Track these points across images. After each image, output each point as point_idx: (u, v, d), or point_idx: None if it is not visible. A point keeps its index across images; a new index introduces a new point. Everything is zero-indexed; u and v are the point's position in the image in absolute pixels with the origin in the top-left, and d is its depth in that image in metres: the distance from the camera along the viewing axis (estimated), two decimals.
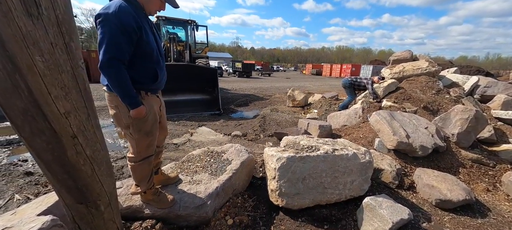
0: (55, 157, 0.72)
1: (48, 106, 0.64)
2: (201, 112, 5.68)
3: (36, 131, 0.66)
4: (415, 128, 2.98)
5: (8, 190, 2.34)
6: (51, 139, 0.69)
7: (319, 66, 40.56)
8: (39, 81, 0.61)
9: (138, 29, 1.23)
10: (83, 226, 0.88)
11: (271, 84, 15.68)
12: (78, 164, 0.76)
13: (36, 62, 0.59)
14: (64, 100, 0.68)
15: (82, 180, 0.79)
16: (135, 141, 1.40)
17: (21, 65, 0.57)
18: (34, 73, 0.59)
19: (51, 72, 0.63)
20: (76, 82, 0.71)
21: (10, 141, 3.59)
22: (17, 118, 0.64)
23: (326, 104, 6.15)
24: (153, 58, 1.37)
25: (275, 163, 1.90)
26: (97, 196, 0.86)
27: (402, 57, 5.31)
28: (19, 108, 0.62)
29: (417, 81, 4.42)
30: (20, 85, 0.59)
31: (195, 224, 1.68)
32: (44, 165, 0.73)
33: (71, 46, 0.67)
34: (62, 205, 0.84)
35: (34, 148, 0.70)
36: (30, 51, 0.59)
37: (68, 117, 0.70)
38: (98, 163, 0.83)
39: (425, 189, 2.36)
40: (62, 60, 0.66)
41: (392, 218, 1.72)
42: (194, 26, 8.49)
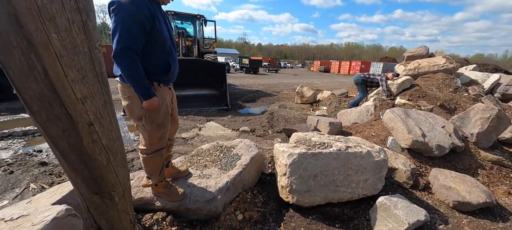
0: (71, 145, 0.70)
1: (64, 90, 0.62)
2: (209, 108, 5.68)
3: (52, 117, 0.64)
4: (431, 126, 2.85)
5: (23, 179, 2.40)
6: (67, 126, 0.67)
7: (327, 63, 39.88)
8: (56, 62, 0.58)
9: (152, 17, 1.20)
10: (97, 217, 0.88)
11: (279, 80, 15.54)
12: (94, 153, 0.75)
13: (52, 40, 0.57)
14: (81, 84, 0.65)
15: (97, 170, 0.77)
16: (147, 133, 1.39)
17: (37, 43, 0.55)
18: (50, 53, 0.57)
19: (67, 53, 0.60)
20: (93, 65, 0.68)
21: (26, 131, 3.70)
22: (33, 103, 0.63)
23: (336, 101, 6.03)
24: (166, 48, 1.34)
25: (286, 159, 1.86)
26: (112, 187, 0.85)
27: (417, 53, 5.11)
28: (35, 93, 0.60)
29: (433, 78, 4.24)
30: (36, 66, 0.57)
31: (205, 218, 1.67)
32: (60, 154, 0.72)
33: (88, 25, 0.65)
34: (77, 195, 0.84)
35: (50, 136, 0.68)
36: (46, 28, 0.56)
37: (85, 102, 0.68)
38: (114, 153, 0.81)
39: (442, 190, 2.26)
40: (79, 40, 0.63)
41: (408, 219, 1.65)
42: (202, 21, 8.47)
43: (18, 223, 1.04)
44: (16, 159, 2.78)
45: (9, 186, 2.27)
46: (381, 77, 4.57)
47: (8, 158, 2.80)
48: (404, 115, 2.96)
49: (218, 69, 5.99)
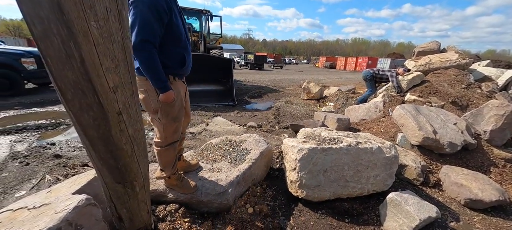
0: (100, 134, 0.72)
1: (98, 79, 0.64)
2: (216, 103, 5.71)
3: (84, 105, 0.66)
4: (443, 123, 2.80)
5: (39, 170, 2.48)
6: (98, 115, 0.69)
7: (333, 59, 39.34)
8: (93, 50, 0.60)
9: (169, 10, 1.21)
10: (119, 206, 0.91)
11: (284, 76, 15.44)
12: (121, 143, 0.77)
13: (91, 28, 0.58)
14: (114, 74, 0.67)
15: (122, 159, 0.80)
16: (162, 126, 1.41)
17: (77, 31, 0.56)
18: (88, 41, 0.58)
19: (104, 41, 0.62)
20: (125, 55, 0.70)
21: (38, 125, 3.80)
22: (67, 91, 0.64)
23: (343, 97, 5.96)
24: (182, 42, 1.35)
25: (296, 153, 1.87)
26: (134, 177, 0.87)
27: (428, 48, 4.98)
28: (70, 81, 0.62)
29: (445, 74, 4.14)
30: (73, 54, 0.58)
31: (216, 210, 1.70)
32: (89, 142, 0.74)
33: (123, 15, 0.66)
34: (101, 184, 0.87)
35: (81, 124, 0.70)
36: (86, 15, 0.57)
37: (116, 91, 0.69)
38: (138, 143, 0.84)
39: (453, 187, 2.23)
40: (115, 29, 0.64)
41: (420, 215, 1.64)
42: (208, 16, 8.44)
43: (41, 211, 1.08)
44: (31, 151, 2.87)
45: (26, 177, 2.34)
46: (391, 73, 4.48)
47: (23, 150, 2.89)
48: (414, 111, 2.91)
49: (224, 65, 5.98)
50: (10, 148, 2.92)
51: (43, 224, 0.94)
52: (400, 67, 4.67)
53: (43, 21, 0.55)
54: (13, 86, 5.38)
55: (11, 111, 4.46)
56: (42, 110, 4.70)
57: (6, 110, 4.49)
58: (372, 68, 5.30)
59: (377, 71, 4.91)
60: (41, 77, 5.84)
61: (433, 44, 4.97)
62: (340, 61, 35.22)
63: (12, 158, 2.66)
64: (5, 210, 1.18)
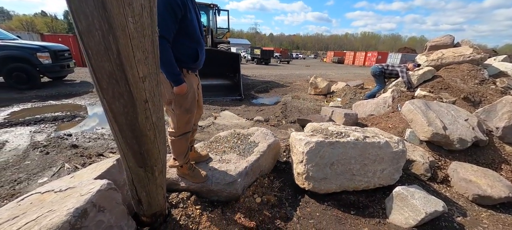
0: (128, 121, 0.79)
1: (131, 69, 0.70)
2: (223, 97, 5.78)
3: (117, 94, 0.73)
4: (453, 119, 2.76)
5: (58, 159, 2.63)
6: (128, 103, 0.75)
7: (341, 53, 38.57)
8: (128, 43, 0.66)
9: (183, 6, 1.25)
10: (140, 189, 0.98)
11: (291, 71, 15.34)
12: (145, 129, 0.84)
13: (128, 23, 0.64)
14: (143, 65, 0.73)
15: (145, 145, 0.87)
16: (176, 117, 1.48)
17: (117, 26, 0.62)
18: (125, 35, 0.65)
19: (138, 35, 0.68)
20: (153, 48, 0.76)
21: (55, 117, 3.98)
22: (103, 81, 0.71)
23: (351, 93, 5.91)
24: (195, 37, 1.40)
25: (303, 146, 1.90)
26: (155, 162, 0.94)
27: (441, 43, 4.84)
28: (106, 71, 0.69)
29: (458, 69, 4.03)
30: (111, 47, 0.65)
31: (225, 199, 1.77)
32: (118, 128, 0.81)
33: (153, 11, 0.72)
34: (124, 168, 0.94)
35: (112, 111, 0.77)
36: (125, 12, 0.63)
37: (144, 81, 0.76)
38: (160, 130, 0.90)
39: (461, 183, 2.22)
40: (147, 24, 0.70)
41: (426, 209, 1.66)
42: (216, 11, 8.45)
43: (67, 194, 1.18)
44: (50, 141, 3.03)
45: (47, 165, 2.49)
46: (402, 69, 4.39)
47: (43, 140, 3.05)
48: (424, 106, 2.88)
49: (232, 59, 6.02)
50: (31, 138, 3.09)
51: (71, 205, 1.03)
52: (410, 62, 4.56)
53: (87, 17, 0.61)
54: (30, 80, 5.61)
55: (29, 103, 4.68)
56: (57, 103, 4.90)
57: (24, 102, 4.71)
58: (381, 63, 5.19)
59: (386, 66, 4.81)
60: (56, 71, 6.06)
61: (446, 38, 4.82)
62: (349, 56, 34.53)
63: (33, 147, 2.83)
64: (34, 193, 1.29)
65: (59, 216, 0.98)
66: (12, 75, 5.42)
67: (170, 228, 1.45)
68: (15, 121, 3.65)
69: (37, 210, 1.09)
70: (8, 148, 2.80)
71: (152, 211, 1.19)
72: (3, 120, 3.72)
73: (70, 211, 0.99)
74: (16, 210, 1.15)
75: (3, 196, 1.96)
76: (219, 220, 1.56)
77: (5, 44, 5.38)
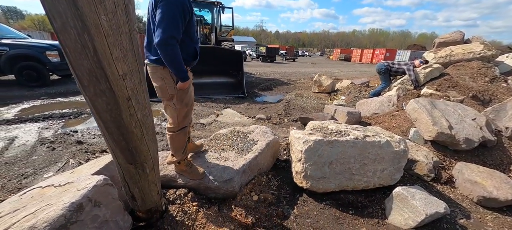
0: (113, 118, 0.80)
1: (109, 67, 0.72)
2: (226, 95, 5.79)
3: (98, 91, 0.74)
4: (460, 118, 2.67)
5: (64, 155, 2.71)
6: (110, 100, 0.77)
7: (348, 51, 37.94)
8: (104, 41, 0.68)
9: (191, 10, 1.33)
10: (132, 185, 1.00)
11: (296, 69, 15.22)
12: (131, 126, 0.85)
13: (101, 21, 0.65)
14: (122, 62, 0.75)
15: (133, 142, 0.88)
16: (177, 111, 1.53)
17: (90, 23, 0.64)
18: (100, 33, 0.66)
19: (113, 33, 0.69)
20: (132, 45, 0.77)
21: (63, 114, 4.09)
22: (83, 78, 0.73)
23: (356, 91, 5.80)
24: (194, 38, 1.49)
25: (301, 145, 1.89)
26: (144, 159, 0.96)
27: (450, 39, 4.68)
28: (86, 69, 0.70)
29: (467, 66, 3.89)
30: (87, 45, 0.66)
31: (222, 196, 1.78)
32: (103, 125, 0.83)
33: (129, 8, 0.73)
34: (115, 164, 0.96)
35: (96, 108, 0.79)
36: (97, 10, 0.64)
37: (125, 79, 0.77)
38: (147, 127, 0.91)
39: (466, 184, 2.15)
40: (122, 21, 0.72)
41: (426, 210, 1.62)
42: (220, 8, 8.43)
43: (65, 188, 1.21)
44: (56, 138, 3.12)
45: (53, 160, 2.57)
46: (408, 66, 4.27)
47: (50, 137, 3.15)
48: (429, 105, 2.80)
49: (235, 57, 6.01)
50: (39, 134, 3.19)
51: (67, 199, 1.05)
52: (417, 59, 4.43)
53: (61, 16, 0.62)
54: (39, 78, 5.78)
55: (38, 101, 4.83)
56: (65, 100, 5.03)
57: (34, 99, 4.86)
58: (387, 60, 5.06)
59: (392, 64, 4.68)
60: (64, 69, 6.22)
61: (456, 35, 4.66)
62: (356, 53, 33.94)
63: (40, 143, 2.92)
64: (36, 187, 1.33)
65: (55, 210, 1.01)
66: (23, 73, 5.60)
67: (166, 224, 1.47)
68: (25, 117, 3.77)
69: (37, 203, 1.13)
70: (17, 144, 2.90)
71: (146, 207, 1.21)
72: (14, 116, 3.85)
73: (65, 205, 1.02)
74: (18, 203, 1.19)
75: (10, 189, 2.04)
76: (215, 217, 1.58)
77: (16, 43, 5.55)
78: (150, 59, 1.44)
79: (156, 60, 1.39)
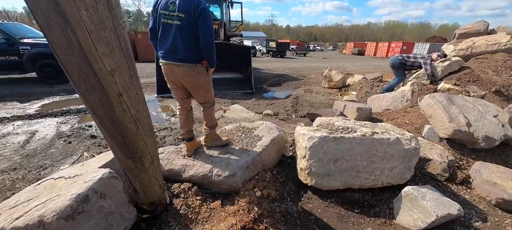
0: (106, 113, 0.82)
1: (96, 63, 0.73)
2: (234, 91, 5.80)
3: (89, 87, 0.76)
4: (480, 115, 2.50)
5: (79, 148, 2.85)
6: (102, 96, 0.79)
7: (361, 44, 36.61)
8: (87, 37, 0.69)
9: None
10: (132, 179, 1.03)
11: (306, 64, 14.93)
12: (125, 122, 0.87)
13: (82, 16, 0.66)
14: (110, 58, 0.76)
15: (129, 137, 0.90)
16: (210, 91, 1.92)
17: (71, 19, 0.65)
18: (82, 29, 0.67)
19: (96, 28, 0.70)
20: (118, 41, 0.78)
21: (79, 109, 4.30)
22: (73, 74, 0.75)
23: (367, 86, 5.60)
24: None
25: (306, 141, 1.85)
26: (142, 153, 0.98)
27: (472, 30, 4.37)
28: (74, 65, 0.72)
29: (491, 59, 3.62)
30: (72, 40, 0.68)
31: (226, 191, 1.80)
32: (99, 121, 0.85)
33: (111, 3, 0.73)
34: (115, 158, 0.99)
35: (89, 103, 0.81)
36: (76, 5, 0.65)
37: (114, 74, 0.78)
38: (142, 123, 0.93)
39: (484, 185, 2.02)
40: (105, 16, 0.72)
41: (437, 211, 1.54)
42: (229, 4, 8.39)
43: (74, 180, 1.27)
44: (73, 132, 3.29)
45: (69, 153, 2.71)
46: (425, 60, 4.00)
47: (67, 131, 3.32)
48: (446, 101, 2.64)
49: (243, 53, 5.98)
50: (57, 129, 3.37)
51: (75, 190, 1.11)
52: (434, 52, 4.17)
53: (44, 12, 0.64)
54: (58, 75, 6.09)
55: (57, 97, 5.10)
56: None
57: (53, 96, 5.14)
58: (401, 54, 4.79)
59: (407, 57, 4.41)
60: None
61: (479, 25, 4.33)
62: (370, 47, 32.66)
63: (58, 137, 3.09)
64: (49, 179, 1.41)
65: (63, 201, 1.06)
66: (43, 70, 5.93)
67: (170, 216, 1.51)
68: (45, 112, 4.00)
69: (48, 194, 1.19)
70: (38, 137, 3.09)
71: (149, 200, 1.25)
72: (35, 111, 4.10)
73: (73, 196, 1.07)
74: (32, 193, 1.26)
75: (30, 180, 2.18)
76: (218, 212, 1.59)
77: (37, 42, 5.87)
78: (180, 60, 1.65)
79: (190, 59, 1.65)
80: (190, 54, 1.64)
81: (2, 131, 3.21)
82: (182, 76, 1.72)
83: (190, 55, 1.64)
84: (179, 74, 1.71)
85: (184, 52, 1.62)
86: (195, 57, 1.66)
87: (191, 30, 1.59)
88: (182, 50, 1.62)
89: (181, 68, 1.67)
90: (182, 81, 1.76)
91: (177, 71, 1.69)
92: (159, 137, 3.13)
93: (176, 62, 1.66)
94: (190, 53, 1.63)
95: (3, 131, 3.21)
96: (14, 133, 3.17)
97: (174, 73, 1.71)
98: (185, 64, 1.66)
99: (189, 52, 1.63)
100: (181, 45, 1.61)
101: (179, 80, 1.76)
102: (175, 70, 1.69)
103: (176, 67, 1.67)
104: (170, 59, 1.66)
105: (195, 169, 1.83)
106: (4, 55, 5.58)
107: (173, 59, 1.65)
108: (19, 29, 6.29)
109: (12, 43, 5.60)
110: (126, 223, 1.26)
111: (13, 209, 1.12)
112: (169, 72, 1.73)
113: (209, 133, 2.08)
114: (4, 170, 2.31)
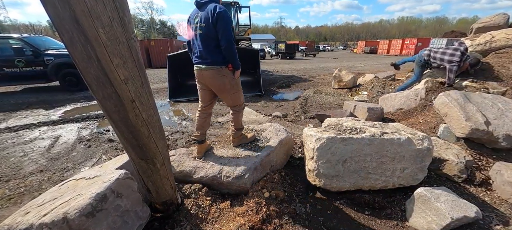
0: (121, 118, 0.90)
1: (112, 73, 0.81)
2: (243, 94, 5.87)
3: (106, 95, 0.85)
4: (500, 112, 2.38)
5: (98, 151, 3.02)
6: (117, 102, 0.86)
7: (373, 43, 35.63)
8: (104, 51, 0.77)
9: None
10: (145, 179, 1.10)
11: (316, 65, 14.78)
12: (138, 125, 0.94)
13: (100, 34, 0.75)
14: (123, 69, 0.84)
15: (141, 140, 0.97)
16: (239, 94, 2.02)
17: (90, 37, 0.73)
18: (99, 44, 0.75)
19: (111, 43, 0.78)
20: (130, 53, 0.86)
21: (98, 115, 4.55)
22: (92, 84, 0.83)
23: (379, 85, 5.46)
24: None
25: (314, 143, 1.86)
26: (154, 155, 1.05)
27: (491, 23, 4.15)
28: (93, 75, 0.80)
29: None
30: (91, 55, 0.76)
31: (235, 192, 1.84)
32: (114, 125, 0.93)
33: (124, 20, 0.81)
34: (130, 160, 1.06)
35: (106, 109, 0.89)
36: (95, 25, 0.73)
37: (127, 83, 0.86)
38: (153, 126, 1.00)
39: (506, 187, 1.92)
40: (119, 33, 0.80)
41: (452, 213, 1.49)
42: (237, 8, 8.55)
43: (94, 181, 1.37)
44: (92, 136, 3.49)
45: (89, 156, 2.89)
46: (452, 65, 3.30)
47: (87, 135, 3.53)
48: (462, 99, 2.53)
49: (251, 56, 6.06)
50: (78, 133, 3.60)
51: (94, 190, 1.19)
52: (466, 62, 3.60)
53: (68, 31, 0.72)
54: (79, 83, 6.49)
55: (78, 103, 5.43)
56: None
57: (74, 103, 5.48)
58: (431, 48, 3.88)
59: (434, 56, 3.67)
60: None
61: (499, 18, 4.11)
62: (383, 44, 31.73)
63: (79, 141, 3.29)
64: (71, 179, 1.53)
65: (84, 199, 1.15)
66: (66, 79, 6.34)
67: (182, 216, 1.57)
68: (67, 118, 4.28)
69: (71, 193, 1.29)
70: (61, 141, 3.31)
71: (161, 199, 1.32)
72: (59, 117, 4.39)
73: (92, 195, 1.16)
74: (57, 193, 1.37)
75: (55, 181, 2.35)
76: (227, 212, 1.64)
77: (59, 53, 6.30)
78: (207, 64, 1.80)
79: (214, 62, 1.79)
80: (214, 57, 1.79)
81: (30, 136, 3.48)
82: (209, 79, 1.87)
83: (214, 58, 1.79)
84: (207, 78, 1.87)
85: (208, 56, 1.79)
86: (219, 60, 1.80)
87: (212, 36, 1.75)
88: (207, 55, 1.79)
89: (208, 72, 1.84)
90: (209, 84, 1.90)
91: (205, 75, 1.86)
92: (171, 140, 3.24)
93: (204, 66, 1.84)
94: (214, 57, 1.79)
95: (31, 136, 3.48)
96: (40, 138, 3.42)
97: (203, 76, 1.88)
98: (210, 68, 1.82)
99: (213, 56, 1.79)
100: (205, 51, 1.79)
101: (206, 83, 1.92)
102: (203, 74, 1.87)
103: (204, 71, 1.85)
104: (199, 64, 1.86)
105: (205, 171, 1.89)
106: (31, 65, 6.04)
107: (201, 64, 1.84)
108: (44, 41, 6.78)
109: (38, 54, 6.05)
110: (140, 221, 1.33)
111: (41, 207, 1.22)
112: (199, 75, 1.91)
113: (236, 134, 2.19)
114: (32, 172, 2.50)
